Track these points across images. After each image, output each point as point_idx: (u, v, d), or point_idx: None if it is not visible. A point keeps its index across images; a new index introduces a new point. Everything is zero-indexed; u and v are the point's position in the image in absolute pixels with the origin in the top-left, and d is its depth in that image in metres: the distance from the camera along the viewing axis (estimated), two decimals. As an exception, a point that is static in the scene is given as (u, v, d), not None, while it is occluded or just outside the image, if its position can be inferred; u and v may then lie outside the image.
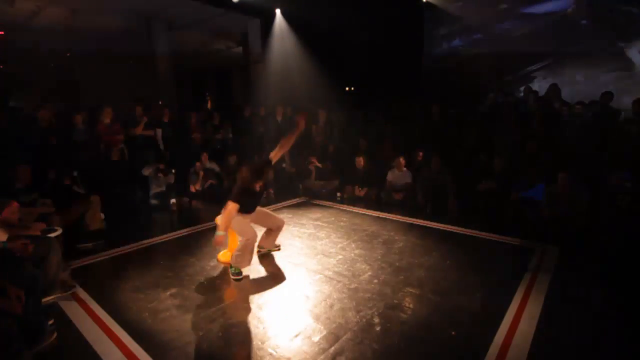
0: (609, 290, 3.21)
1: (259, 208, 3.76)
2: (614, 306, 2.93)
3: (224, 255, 3.75)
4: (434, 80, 10.47)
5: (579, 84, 7.97)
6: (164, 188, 5.93)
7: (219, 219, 3.54)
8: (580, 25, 8.21)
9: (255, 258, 3.80)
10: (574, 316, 2.71)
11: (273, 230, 3.90)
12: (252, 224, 3.59)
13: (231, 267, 3.44)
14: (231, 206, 3.27)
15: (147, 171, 5.96)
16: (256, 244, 3.58)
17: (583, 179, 4.80)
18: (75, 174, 4.81)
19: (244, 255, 3.39)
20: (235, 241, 3.71)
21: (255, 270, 3.53)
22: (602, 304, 2.97)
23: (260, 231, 3.74)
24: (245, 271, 3.47)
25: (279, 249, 4.10)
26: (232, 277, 3.40)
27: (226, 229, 3.32)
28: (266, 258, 3.82)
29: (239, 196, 3.31)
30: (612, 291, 3.19)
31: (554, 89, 7.21)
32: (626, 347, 2.39)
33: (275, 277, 3.38)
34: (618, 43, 7.68)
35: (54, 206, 4.40)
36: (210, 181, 6.36)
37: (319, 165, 6.78)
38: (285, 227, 4.82)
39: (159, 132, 6.65)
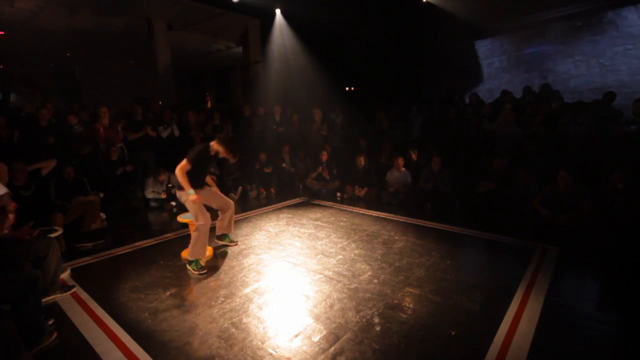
0: (609, 290, 3.22)
1: (207, 187, 3.81)
2: (614, 306, 2.93)
3: (186, 252, 3.81)
4: (434, 80, 10.47)
5: (578, 84, 7.97)
6: (164, 188, 5.93)
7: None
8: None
9: (256, 258, 3.81)
10: (574, 316, 2.71)
11: (225, 212, 3.90)
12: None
13: (190, 262, 3.48)
14: (183, 162, 3.37)
15: (149, 192, 5.97)
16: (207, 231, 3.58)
17: (583, 179, 4.79)
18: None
19: (198, 242, 3.44)
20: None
21: (255, 270, 3.52)
22: (602, 304, 2.97)
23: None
24: (246, 270, 3.48)
25: (236, 244, 4.12)
26: (194, 273, 3.43)
27: (188, 186, 3.36)
28: (265, 258, 3.82)
29: (195, 159, 3.41)
30: (612, 291, 3.19)
31: (552, 90, 7.20)
32: (626, 348, 2.39)
33: (275, 277, 3.37)
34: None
35: (56, 203, 4.43)
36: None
37: (327, 177, 6.78)
38: (285, 227, 4.86)
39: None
